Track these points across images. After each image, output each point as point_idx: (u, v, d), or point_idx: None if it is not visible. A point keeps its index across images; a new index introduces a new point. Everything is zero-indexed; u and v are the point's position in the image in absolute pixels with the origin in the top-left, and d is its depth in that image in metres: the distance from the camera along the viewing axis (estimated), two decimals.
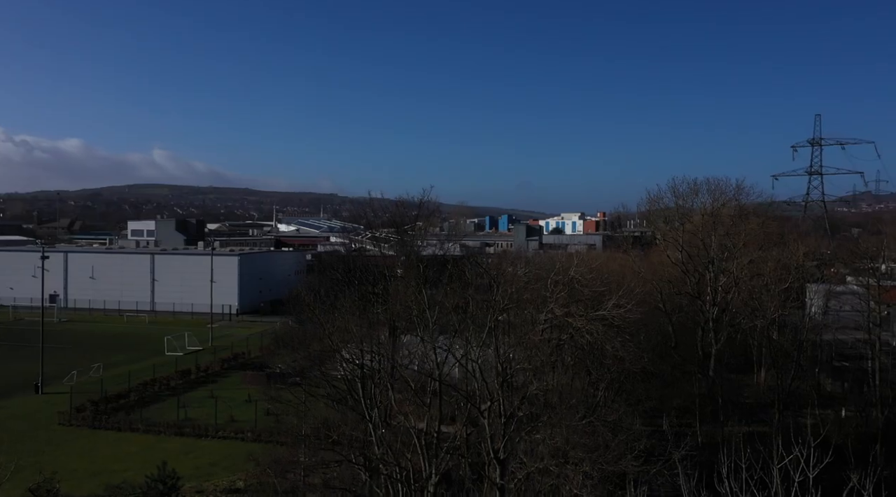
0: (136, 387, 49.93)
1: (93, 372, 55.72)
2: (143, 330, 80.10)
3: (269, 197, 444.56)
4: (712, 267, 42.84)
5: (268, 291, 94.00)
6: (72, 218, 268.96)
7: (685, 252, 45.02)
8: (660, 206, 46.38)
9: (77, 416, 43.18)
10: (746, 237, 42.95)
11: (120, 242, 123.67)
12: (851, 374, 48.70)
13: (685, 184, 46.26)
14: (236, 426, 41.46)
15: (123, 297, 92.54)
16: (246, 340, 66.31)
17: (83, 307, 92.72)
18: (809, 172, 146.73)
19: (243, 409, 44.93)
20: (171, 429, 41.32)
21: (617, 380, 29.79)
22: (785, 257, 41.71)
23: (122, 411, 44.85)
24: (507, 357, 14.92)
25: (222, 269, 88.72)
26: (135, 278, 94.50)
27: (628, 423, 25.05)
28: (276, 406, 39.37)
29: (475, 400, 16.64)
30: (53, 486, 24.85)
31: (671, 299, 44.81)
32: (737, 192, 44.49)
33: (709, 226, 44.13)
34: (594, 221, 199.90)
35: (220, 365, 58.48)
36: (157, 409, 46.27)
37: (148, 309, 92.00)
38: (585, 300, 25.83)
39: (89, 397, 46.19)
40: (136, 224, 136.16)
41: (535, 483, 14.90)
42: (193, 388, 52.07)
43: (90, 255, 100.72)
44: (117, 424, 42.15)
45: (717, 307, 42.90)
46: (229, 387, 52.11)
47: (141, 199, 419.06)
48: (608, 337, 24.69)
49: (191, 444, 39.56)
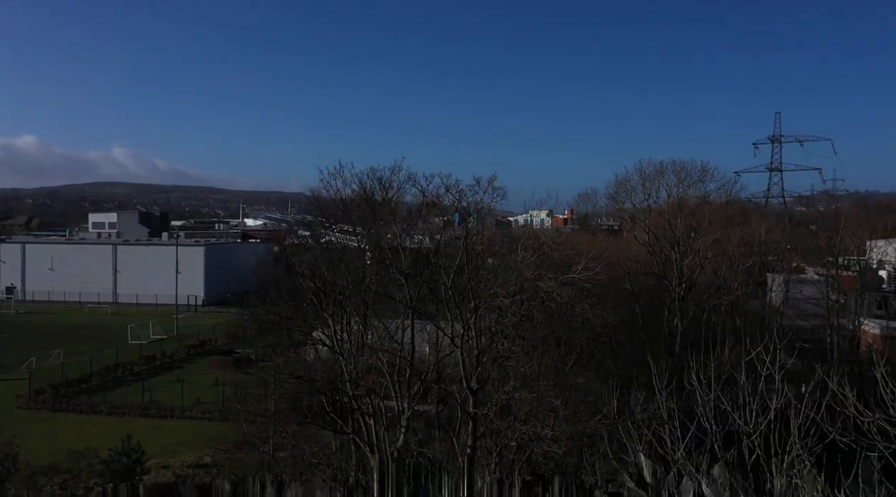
0: (98, 372, 48.77)
1: (53, 358, 54.18)
2: (106, 321, 78.20)
3: (235, 196, 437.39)
4: (678, 247, 43.64)
5: (234, 283, 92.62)
6: (29, 215, 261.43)
7: (651, 233, 45.79)
8: (627, 188, 47.11)
9: (36, 399, 42.04)
10: (711, 216, 43.92)
11: (80, 234, 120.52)
12: (811, 352, 50.18)
13: (651, 166, 47.23)
14: (203, 407, 40.82)
15: (84, 289, 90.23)
16: (213, 328, 65.27)
17: (42, 300, 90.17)
18: (770, 169, 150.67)
19: (210, 392, 44.19)
20: (136, 410, 40.49)
21: (587, 349, 30.21)
22: (748, 235, 42.77)
23: (84, 395, 43.80)
24: (477, 291, 14.99)
25: (188, 260, 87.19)
26: (96, 270, 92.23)
27: (597, 387, 25.44)
28: (243, 389, 39.05)
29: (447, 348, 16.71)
30: (13, 449, 24.11)
31: (638, 280, 45.52)
32: (701, 173, 45.52)
33: (675, 207, 44.98)
34: (562, 219, 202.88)
35: (185, 351, 57.51)
36: (121, 393, 45.25)
37: (110, 301, 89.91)
38: (556, 264, 26.10)
39: (49, 382, 44.98)
40: (97, 216, 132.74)
41: (511, 409, 15.06)
42: (158, 374, 51.10)
43: (49, 247, 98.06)
44: (79, 407, 41.15)
45: (683, 286, 43.70)
46: (195, 372, 51.22)
47: (102, 197, 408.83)
48: (578, 299, 25.00)
49: (156, 425, 38.79)
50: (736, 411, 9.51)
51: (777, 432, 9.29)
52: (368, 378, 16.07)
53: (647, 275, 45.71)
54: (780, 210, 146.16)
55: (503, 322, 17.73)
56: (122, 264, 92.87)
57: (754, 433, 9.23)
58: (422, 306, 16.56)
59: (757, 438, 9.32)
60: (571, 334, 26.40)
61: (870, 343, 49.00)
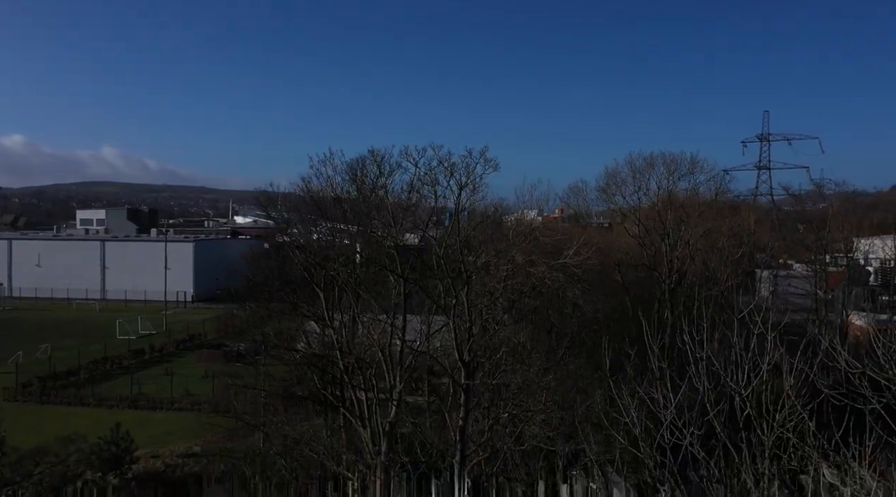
0: (86, 365, 48.33)
1: (40, 353, 53.63)
2: (94, 317, 77.50)
3: (225, 195, 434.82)
4: (668, 239, 43.77)
5: (224, 279, 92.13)
6: (16, 214, 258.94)
7: (642, 225, 45.92)
8: (617, 180, 47.18)
9: (23, 392, 41.64)
10: (701, 207, 44.12)
11: (68, 231, 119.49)
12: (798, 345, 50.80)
13: (641, 158, 47.35)
14: (192, 399, 40.53)
15: (72, 285, 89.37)
16: (202, 323, 64.85)
17: (29, 296, 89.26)
18: (758, 167, 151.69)
19: (200, 384, 43.89)
20: (125, 402, 40.14)
21: (578, 336, 30.24)
22: (737, 225, 43.02)
23: (72, 388, 43.37)
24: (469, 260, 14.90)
25: (177, 256, 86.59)
26: (84, 266, 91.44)
27: (588, 374, 25.47)
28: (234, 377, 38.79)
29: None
30: (0, 432, 23.84)
31: (628, 273, 45.63)
32: (691, 166, 45.68)
33: (665, 199, 45.13)
34: (552, 217, 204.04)
35: (175, 345, 57.11)
36: (109, 386, 44.86)
37: (98, 297, 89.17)
38: (547, 251, 26.11)
39: (36, 375, 44.55)
40: (85, 213, 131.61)
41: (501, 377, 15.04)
42: (147, 367, 50.68)
43: (36, 243, 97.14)
44: (67, 399, 40.76)
45: (673, 278, 43.84)
46: (185, 365, 50.85)
47: (90, 197, 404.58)
48: (569, 284, 25.02)
49: (145, 416, 38.48)
50: (727, 371, 9.53)
51: (769, 390, 9.33)
52: (360, 351, 16.01)
53: (637, 267, 45.85)
54: (769, 208, 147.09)
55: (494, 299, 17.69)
56: (111, 260, 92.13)
57: (746, 391, 9.26)
58: (413, 276, 16.49)
59: (749, 397, 9.35)
60: (562, 320, 26.42)
61: (857, 335, 49.61)
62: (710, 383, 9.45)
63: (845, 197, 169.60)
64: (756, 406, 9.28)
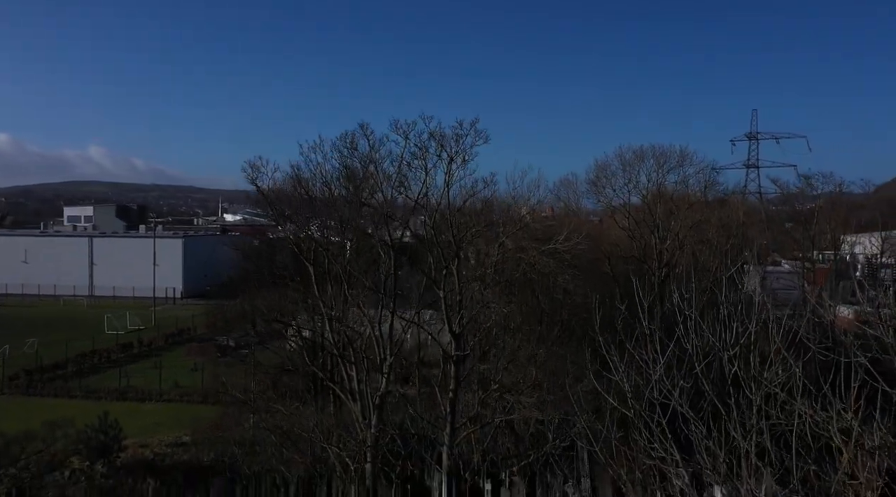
0: (74, 358, 47.96)
1: (27, 347, 53.15)
2: (82, 312, 76.92)
3: (214, 195, 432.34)
4: (658, 231, 43.98)
5: (214, 275, 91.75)
6: (2, 213, 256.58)
7: (632, 218, 46.09)
8: (607, 172, 47.34)
9: (10, 384, 41.30)
10: (690, 199, 44.39)
11: (56, 228, 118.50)
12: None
13: (630, 151, 47.55)
14: (182, 390, 40.37)
15: (60, 281, 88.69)
16: (191, 318, 64.50)
17: (16, 293, 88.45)
18: (747, 165, 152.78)
19: (189, 377, 43.73)
20: (113, 394, 39.89)
21: (569, 323, 30.33)
22: (726, 217, 43.31)
23: (60, 380, 43.04)
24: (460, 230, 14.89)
25: (166, 253, 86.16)
26: (72, 262, 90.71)
27: (581, 360, 25.57)
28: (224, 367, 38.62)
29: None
30: None
31: (618, 265, 45.83)
32: (680, 158, 45.93)
33: (654, 193, 45.35)
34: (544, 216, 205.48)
35: (163, 340, 56.82)
36: (97, 379, 44.54)
37: (86, 293, 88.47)
38: (538, 237, 26.20)
39: (23, 368, 44.16)
40: (72, 210, 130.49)
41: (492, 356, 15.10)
42: (136, 361, 50.37)
43: (22, 239, 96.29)
44: (54, 391, 40.44)
45: (662, 270, 44.05)
46: (174, 359, 50.60)
47: (78, 196, 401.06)
48: (560, 270, 25.10)
49: (134, 408, 38.25)
50: (715, 330, 9.61)
51: (757, 349, 9.41)
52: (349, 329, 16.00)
53: (626, 259, 46.05)
54: (758, 206, 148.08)
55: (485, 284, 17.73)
56: (99, 256, 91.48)
57: (733, 349, 9.33)
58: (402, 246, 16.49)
59: (736, 355, 9.43)
60: (553, 306, 26.50)
61: (844, 328, 50.24)
62: (699, 342, 9.52)
63: (833, 197, 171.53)
64: (744, 365, 9.36)
